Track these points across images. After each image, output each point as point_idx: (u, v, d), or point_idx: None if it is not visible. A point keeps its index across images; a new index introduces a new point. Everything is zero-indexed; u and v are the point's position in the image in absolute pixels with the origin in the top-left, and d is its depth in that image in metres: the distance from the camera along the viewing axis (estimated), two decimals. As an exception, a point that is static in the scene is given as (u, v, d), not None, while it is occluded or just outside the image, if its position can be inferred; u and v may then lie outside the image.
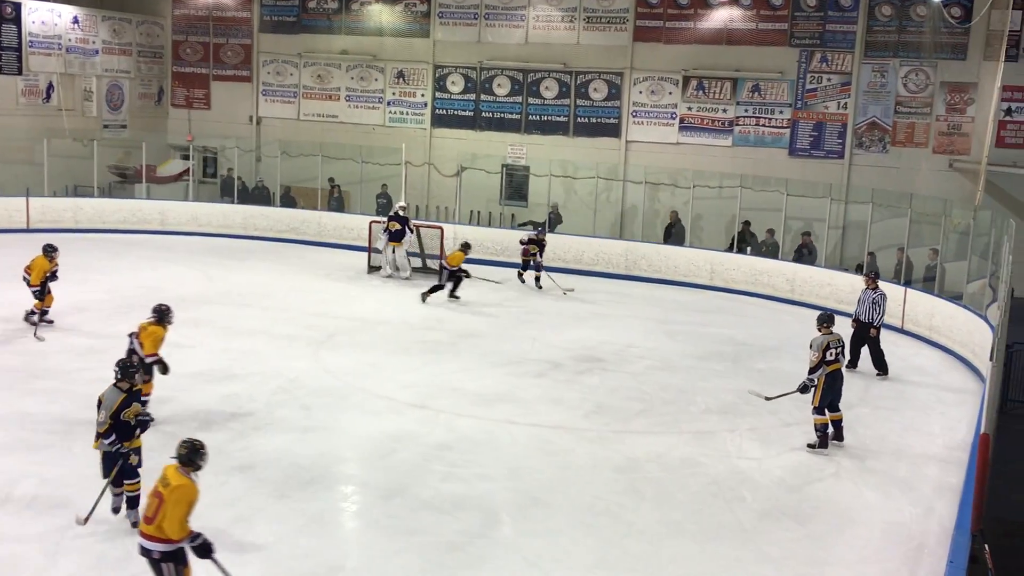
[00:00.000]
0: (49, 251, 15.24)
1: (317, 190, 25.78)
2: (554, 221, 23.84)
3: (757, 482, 10.52)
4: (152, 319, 11.28)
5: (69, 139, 26.11)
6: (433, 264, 21.27)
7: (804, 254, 21.22)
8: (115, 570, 8.03)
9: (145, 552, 7.06)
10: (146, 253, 22.16)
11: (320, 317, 17.04)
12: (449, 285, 18.94)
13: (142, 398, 11.12)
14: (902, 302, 17.84)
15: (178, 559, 7.05)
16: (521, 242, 20.63)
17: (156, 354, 11.10)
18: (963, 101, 22.45)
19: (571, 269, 22.22)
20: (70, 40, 26.47)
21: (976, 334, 15.46)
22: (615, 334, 16.86)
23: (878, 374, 15.04)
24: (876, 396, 14.06)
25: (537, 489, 10.09)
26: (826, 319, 11.92)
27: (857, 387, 13.88)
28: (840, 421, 11.79)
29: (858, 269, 20.13)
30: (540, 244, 20.47)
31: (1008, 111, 22.10)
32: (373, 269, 21.34)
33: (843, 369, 11.85)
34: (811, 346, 11.67)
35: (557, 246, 22.63)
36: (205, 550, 7.07)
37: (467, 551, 8.64)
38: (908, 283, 18.49)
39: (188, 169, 27.14)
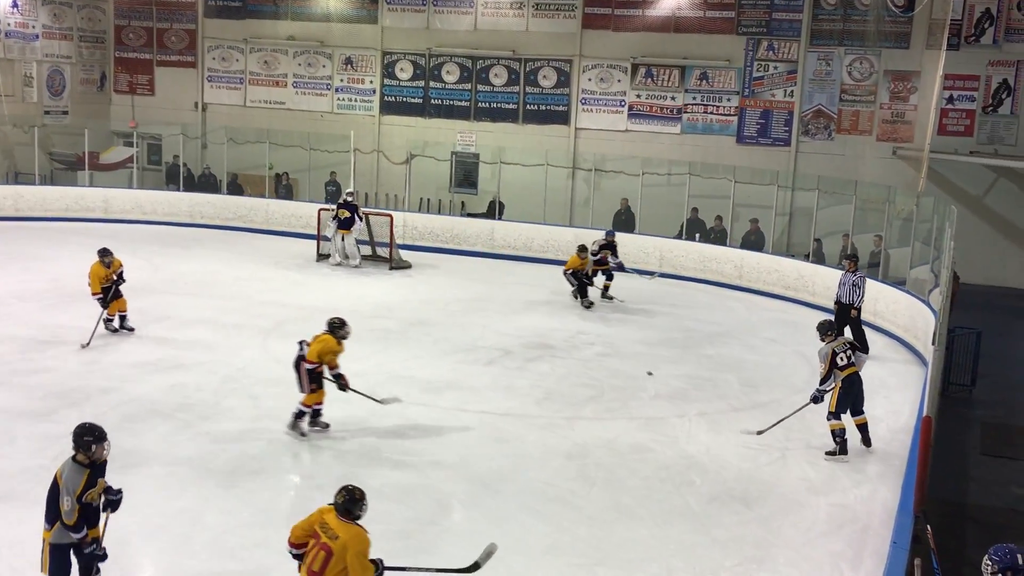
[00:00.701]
0: (103, 256, 14.32)
1: (265, 177, 25.55)
2: (498, 208, 23.80)
3: (706, 467, 10.62)
4: (326, 330, 10.96)
5: (9, 125, 25.62)
6: (383, 252, 21.18)
7: (751, 240, 21.44)
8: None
9: None
10: (89, 241, 21.53)
11: (268, 306, 16.89)
12: (589, 289, 18.15)
13: (312, 407, 10.86)
14: (847, 288, 18.08)
15: None
16: (593, 254, 18.27)
17: (316, 362, 10.74)
18: (906, 89, 22.80)
19: (521, 256, 22.28)
20: (9, 24, 25.90)
21: (919, 319, 15.72)
22: (565, 321, 16.90)
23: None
24: (822, 381, 14.24)
25: (488, 476, 10.10)
26: (827, 327, 11.43)
27: (804, 372, 14.06)
28: (865, 425, 11.27)
29: (806, 257, 20.39)
30: (612, 247, 18.68)
31: (950, 99, 22.48)
32: (322, 257, 21.19)
33: (860, 372, 11.28)
34: (818, 356, 11.30)
35: (507, 233, 22.67)
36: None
37: (418, 539, 8.63)
38: (853, 269, 18.73)
39: (132, 156, 26.75)
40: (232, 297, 17.38)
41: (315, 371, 10.82)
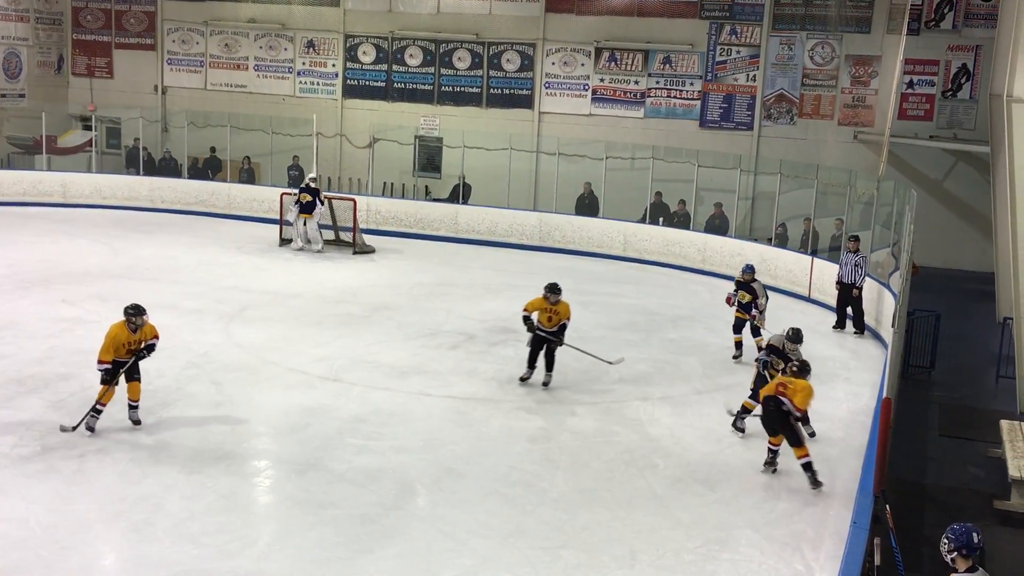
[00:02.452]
0: (132, 315, 10.31)
1: (227, 161, 25.30)
2: (464, 191, 23.73)
3: (669, 449, 10.69)
4: (795, 372, 10.08)
5: (-36, 109, 25.22)
6: (346, 236, 21.07)
7: (716, 224, 21.52)
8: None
9: None
10: (47, 226, 21.53)
11: (231, 291, 16.76)
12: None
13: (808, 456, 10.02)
14: (808, 271, 18.23)
15: None
16: (729, 296, 14.23)
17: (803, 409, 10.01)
18: (867, 74, 22.96)
19: (485, 241, 22.25)
20: (-37, 5, 25.45)
21: (879, 302, 15.89)
22: (529, 305, 16.88)
23: (855, 332, 15.87)
24: (784, 363, 14.34)
25: (452, 460, 10.11)
26: (799, 336, 11.18)
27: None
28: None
29: (769, 241, 20.51)
30: (749, 289, 14.01)
31: (910, 84, 22.68)
32: (285, 242, 21.05)
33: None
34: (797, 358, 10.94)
35: (471, 218, 22.62)
36: None
37: (382, 523, 8.63)
38: (814, 252, 18.88)
39: (91, 140, 26.40)
40: (194, 282, 17.23)
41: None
